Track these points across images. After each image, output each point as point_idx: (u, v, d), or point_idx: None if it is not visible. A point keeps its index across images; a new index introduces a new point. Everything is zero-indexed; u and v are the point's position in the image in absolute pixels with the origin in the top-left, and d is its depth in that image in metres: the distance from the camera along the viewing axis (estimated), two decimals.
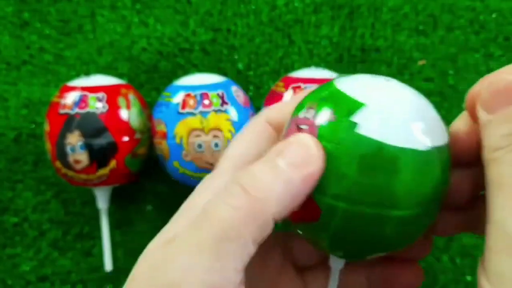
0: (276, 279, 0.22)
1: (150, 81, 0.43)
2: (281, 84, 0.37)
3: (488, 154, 0.16)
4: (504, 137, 0.16)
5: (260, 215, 0.16)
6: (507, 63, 0.43)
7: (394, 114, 0.17)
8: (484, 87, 0.17)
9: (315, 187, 0.17)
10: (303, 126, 0.18)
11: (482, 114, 0.17)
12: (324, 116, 0.17)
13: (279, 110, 0.21)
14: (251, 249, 0.16)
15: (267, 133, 0.21)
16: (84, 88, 0.36)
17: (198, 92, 0.36)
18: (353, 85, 0.18)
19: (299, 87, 0.36)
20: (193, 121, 0.35)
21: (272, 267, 0.22)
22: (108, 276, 0.42)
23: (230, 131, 0.35)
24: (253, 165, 0.17)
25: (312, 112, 0.18)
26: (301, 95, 0.20)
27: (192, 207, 0.18)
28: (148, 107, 0.40)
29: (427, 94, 0.42)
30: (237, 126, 0.35)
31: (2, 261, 0.43)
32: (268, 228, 0.16)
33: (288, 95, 0.36)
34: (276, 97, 0.37)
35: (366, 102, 0.17)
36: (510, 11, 0.42)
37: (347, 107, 0.17)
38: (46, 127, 0.37)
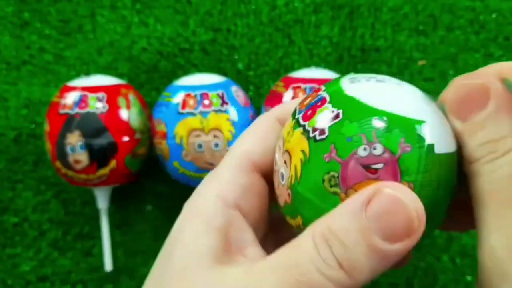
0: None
1: (150, 81, 0.43)
2: (281, 84, 0.37)
3: (466, 167, 0.15)
4: (479, 146, 0.15)
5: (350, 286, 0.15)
6: None
7: (440, 122, 0.16)
8: (449, 94, 0.16)
9: None
10: (377, 166, 0.15)
11: (454, 123, 0.16)
12: (398, 148, 0.15)
13: (290, 109, 0.20)
14: None
15: (276, 131, 0.20)
16: (84, 88, 0.36)
17: (198, 92, 0.36)
18: (385, 99, 0.16)
19: (299, 87, 0.36)
20: (193, 121, 0.35)
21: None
22: (108, 276, 0.42)
23: (230, 131, 0.35)
24: (342, 228, 0.15)
25: (377, 146, 0.15)
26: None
27: (196, 206, 0.18)
28: (148, 107, 0.40)
29: (427, 94, 0.43)
30: (237, 126, 0.35)
31: (2, 261, 0.43)
32: None
33: (288, 95, 0.36)
34: (276, 97, 0.37)
35: (422, 118, 0.16)
36: (510, 11, 0.42)
37: (412, 130, 0.16)
38: (46, 127, 0.37)
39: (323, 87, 0.18)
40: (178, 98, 0.36)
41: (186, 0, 0.43)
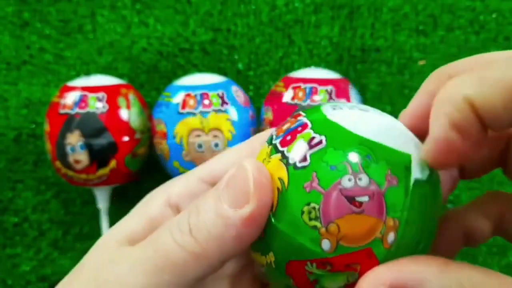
0: None
1: (150, 81, 0.43)
2: (281, 84, 0.37)
3: None
4: None
5: (203, 260, 0.15)
6: None
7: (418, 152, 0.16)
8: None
9: None
10: (362, 199, 0.14)
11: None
12: (385, 181, 0.14)
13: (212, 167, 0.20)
14: (191, 283, 0.16)
15: (251, 150, 0.20)
16: (84, 88, 0.36)
17: (198, 92, 0.36)
18: (371, 128, 0.16)
19: (299, 87, 0.36)
20: (193, 121, 0.35)
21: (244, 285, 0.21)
22: None
23: (230, 131, 0.35)
24: (202, 197, 0.16)
25: (363, 177, 0.14)
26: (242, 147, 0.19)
27: (144, 201, 0.19)
28: (148, 107, 0.40)
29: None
30: (237, 126, 0.35)
31: (2, 261, 0.43)
32: (213, 269, 0.16)
33: (288, 95, 0.36)
34: (276, 97, 0.37)
35: (408, 151, 0.15)
36: (510, 11, 0.42)
37: (399, 163, 0.15)
38: (46, 127, 0.37)
39: (302, 113, 0.17)
40: (178, 98, 0.36)
41: (186, 0, 0.43)
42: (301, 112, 0.17)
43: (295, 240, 0.15)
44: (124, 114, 0.36)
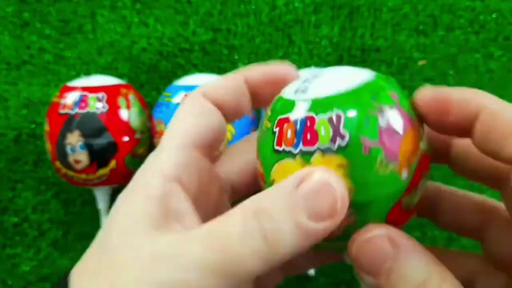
0: None
1: (150, 81, 0.43)
2: None
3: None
4: None
5: (273, 261, 0.16)
6: (507, 63, 0.44)
7: None
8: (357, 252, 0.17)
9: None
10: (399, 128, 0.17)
11: (367, 278, 0.17)
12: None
13: (217, 86, 0.21)
14: (249, 279, 0.16)
15: (207, 108, 0.20)
16: (84, 88, 0.36)
17: None
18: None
19: None
20: None
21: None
22: None
23: (230, 131, 0.35)
24: (271, 200, 0.16)
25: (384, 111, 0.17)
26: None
27: (136, 182, 0.19)
28: (148, 107, 0.40)
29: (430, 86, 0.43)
30: (237, 126, 0.35)
31: (2, 261, 0.43)
32: (277, 264, 0.16)
33: None
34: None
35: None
36: (510, 11, 0.42)
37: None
38: (46, 127, 0.37)
39: (281, 116, 0.19)
40: (178, 98, 0.36)
41: (186, 0, 0.43)
42: (280, 117, 0.18)
43: (383, 192, 0.17)
44: (124, 114, 0.36)
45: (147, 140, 0.39)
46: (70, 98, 0.36)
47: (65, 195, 0.43)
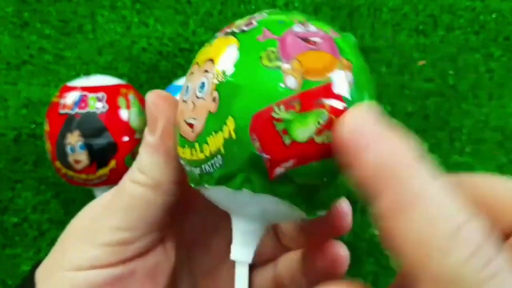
0: (218, 265, 0.22)
1: (150, 81, 0.43)
2: None
3: None
4: None
5: (157, 187, 0.18)
6: (507, 63, 0.44)
7: None
8: None
9: None
10: (315, 39, 0.15)
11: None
12: (330, 32, 0.16)
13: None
14: (159, 215, 0.19)
15: None
16: (84, 88, 0.36)
17: None
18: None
19: None
20: None
21: (215, 251, 0.22)
22: None
23: None
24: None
25: (310, 27, 0.15)
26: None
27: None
28: None
29: (427, 94, 0.43)
30: None
31: (2, 261, 0.43)
32: (171, 192, 0.18)
33: None
34: None
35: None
36: (509, 11, 0.42)
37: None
38: (46, 127, 0.37)
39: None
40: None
41: (186, 0, 0.44)
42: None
43: (258, 89, 0.14)
44: (124, 114, 0.37)
45: None
46: (70, 98, 0.36)
47: (65, 195, 0.43)
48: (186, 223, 0.22)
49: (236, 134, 0.14)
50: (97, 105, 0.36)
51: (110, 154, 0.36)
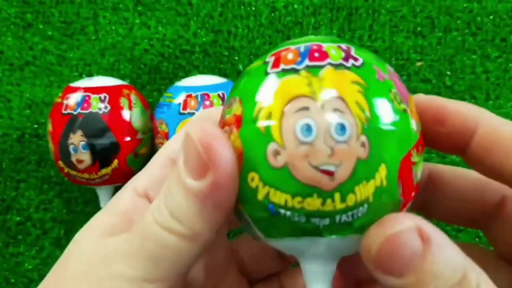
0: None
1: (151, 82, 0.44)
2: None
3: None
4: None
5: (195, 239, 0.15)
6: (504, 64, 0.44)
7: None
8: (376, 249, 0.14)
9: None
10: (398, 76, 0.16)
11: (387, 279, 0.14)
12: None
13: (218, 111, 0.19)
14: (190, 265, 0.16)
15: None
16: (86, 89, 0.37)
17: (199, 93, 0.36)
18: None
19: None
20: None
21: (229, 283, 0.21)
22: None
23: None
24: (170, 177, 0.16)
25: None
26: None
27: (116, 204, 0.18)
28: (150, 107, 0.40)
29: (425, 94, 0.43)
30: None
31: (5, 260, 0.43)
32: (208, 243, 0.16)
33: None
34: None
35: None
36: (506, 13, 0.43)
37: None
38: (49, 127, 0.37)
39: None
40: (179, 99, 0.36)
41: (187, 2, 0.44)
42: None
43: (403, 132, 0.14)
44: (126, 114, 0.37)
45: (149, 140, 0.39)
46: (73, 98, 0.36)
47: (67, 195, 0.43)
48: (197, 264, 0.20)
49: (387, 181, 0.14)
50: (100, 106, 0.36)
51: (113, 154, 0.36)
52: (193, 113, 0.35)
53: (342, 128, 0.13)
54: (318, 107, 0.14)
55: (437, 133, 0.17)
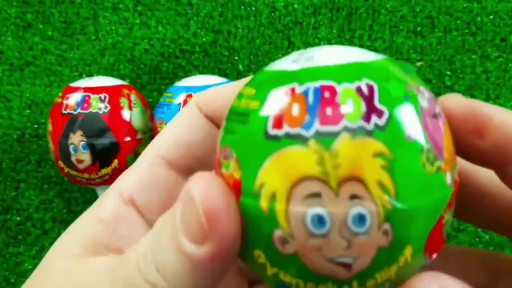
0: None
1: (152, 82, 0.44)
2: None
3: None
4: None
5: None
6: (504, 64, 0.44)
7: None
8: None
9: None
10: (438, 110, 0.13)
11: None
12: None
13: (212, 96, 0.17)
14: None
15: (199, 122, 0.17)
16: (86, 89, 0.37)
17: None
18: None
19: None
20: None
21: (229, 285, 0.20)
22: None
23: None
24: (162, 225, 0.13)
25: (425, 92, 0.13)
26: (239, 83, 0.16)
27: (97, 200, 0.17)
28: (150, 107, 0.40)
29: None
30: None
31: (6, 259, 0.43)
32: None
33: None
34: None
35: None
36: (506, 13, 0.43)
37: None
38: (49, 127, 0.37)
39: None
40: (179, 99, 0.36)
41: (187, 2, 0.44)
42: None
43: (432, 203, 0.12)
44: (126, 114, 0.37)
45: (149, 140, 0.39)
46: (73, 98, 0.36)
47: (67, 194, 0.43)
48: None
49: (412, 258, 0.12)
50: (100, 106, 0.36)
51: (113, 154, 0.36)
52: None
53: (361, 219, 0.11)
54: (331, 193, 0.11)
55: (472, 145, 0.14)
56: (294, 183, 0.11)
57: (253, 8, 0.43)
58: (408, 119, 0.11)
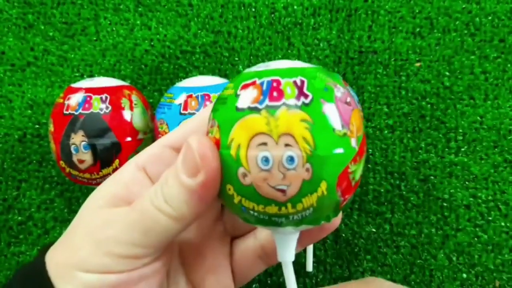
0: (212, 270, 0.25)
1: (152, 82, 0.44)
2: None
3: None
4: None
5: (180, 221, 0.19)
6: (503, 64, 0.44)
7: None
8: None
9: None
10: (349, 99, 0.19)
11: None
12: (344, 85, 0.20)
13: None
14: (172, 239, 0.20)
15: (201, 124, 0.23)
16: (88, 90, 0.37)
17: (200, 94, 0.36)
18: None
19: None
20: None
21: (215, 239, 0.26)
22: None
23: None
24: (169, 170, 0.20)
25: (340, 87, 0.19)
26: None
27: (120, 175, 0.22)
28: (150, 108, 0.40)
29: (424, 95, 0.43)
30: None
31: (7, 259, 0.43)
32: (189, 225, 0.20)
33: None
34: None
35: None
36: (505, 14, 0.43)
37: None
38: (51, 127, 0.37)
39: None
40: (180, 99, 0.36)
41: (187, 3, 0.44)
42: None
43: (340, 155, 0.18)
44: (127, 115, 0.37)
45: (150, 141, 0.39)
46: (74, 99, 0.37)
47: (69, 194, 0.43)
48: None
49: (327, 191, 0.18)
50: (101, 106, 0.36)
51: (114, 154, 0.36)
52: (194, 114, 0.35)
53: (291, 159, 0.18)
54: (273, 143, 0.18)
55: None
56: (251, 137, 0.18)
57: (253, 9, 0.44)
58: (325, 101, 0.18)
